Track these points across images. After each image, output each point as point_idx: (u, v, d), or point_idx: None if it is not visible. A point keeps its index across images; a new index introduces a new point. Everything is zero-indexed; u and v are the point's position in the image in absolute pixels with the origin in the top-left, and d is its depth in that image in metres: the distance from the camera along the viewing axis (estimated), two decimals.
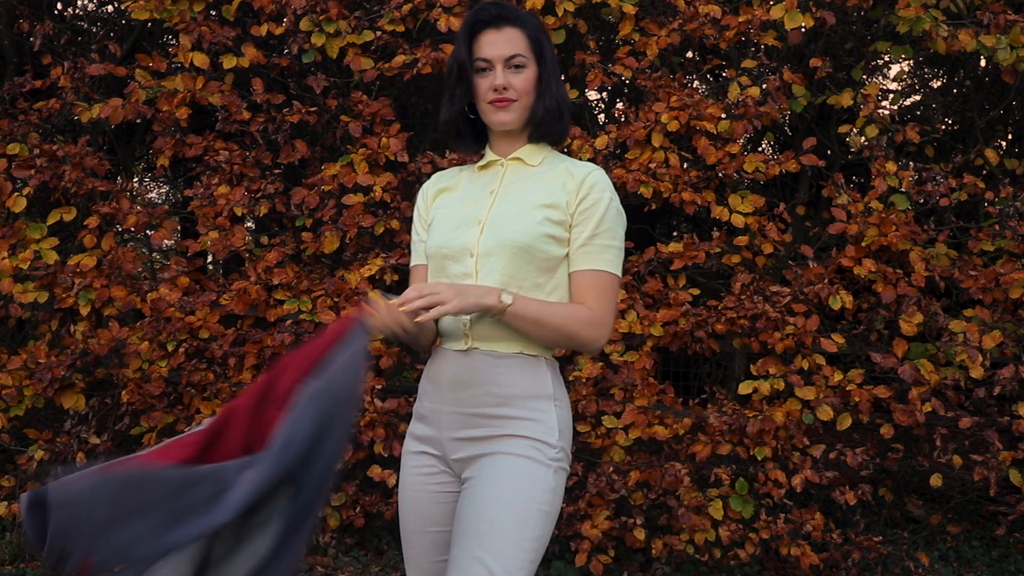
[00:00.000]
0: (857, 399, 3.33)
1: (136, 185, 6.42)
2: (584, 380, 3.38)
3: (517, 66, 1.65)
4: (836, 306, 3.35)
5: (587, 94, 4.26)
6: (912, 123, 3.60)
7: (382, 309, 1.57)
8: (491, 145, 1.75)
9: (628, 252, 3.60)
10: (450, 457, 1.66)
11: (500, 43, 1.65)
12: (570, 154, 3.49)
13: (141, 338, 3.46)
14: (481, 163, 1.77)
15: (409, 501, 1.71)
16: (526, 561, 1.53)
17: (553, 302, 1.63)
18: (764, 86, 3.56)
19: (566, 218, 1.64)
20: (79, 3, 5.58)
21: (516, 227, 1.62)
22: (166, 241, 4.16)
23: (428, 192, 1.81)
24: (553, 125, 1.70)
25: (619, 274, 1.65)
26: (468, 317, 1.62)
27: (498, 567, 1.50)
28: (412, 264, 1.81)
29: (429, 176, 3.59)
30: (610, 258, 1.65)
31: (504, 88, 1.64)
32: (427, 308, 1.53)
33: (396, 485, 3.60)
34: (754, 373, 3.45)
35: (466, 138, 1.76)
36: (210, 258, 7.67)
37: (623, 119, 3.71)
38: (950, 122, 5.58)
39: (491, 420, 1.61)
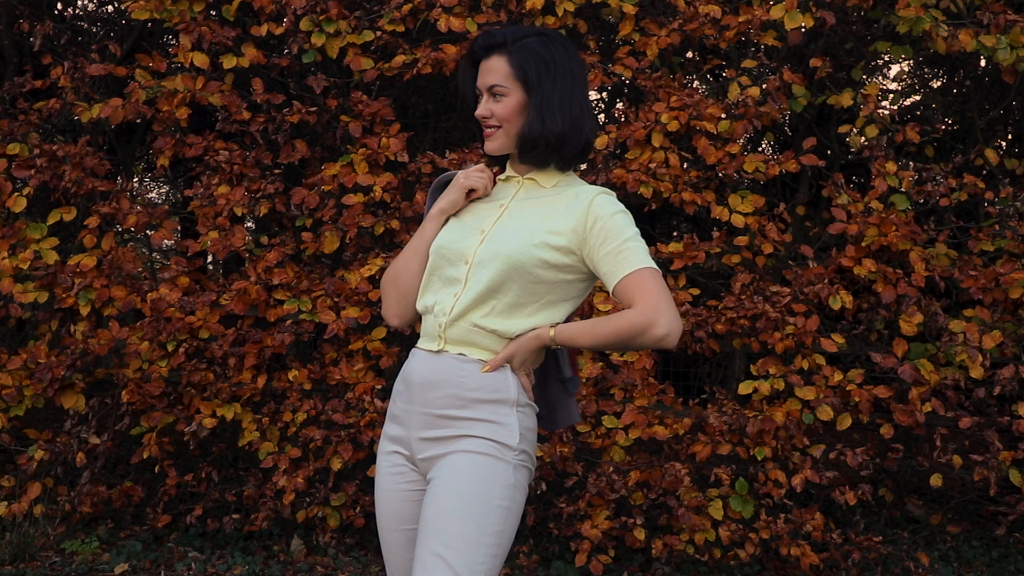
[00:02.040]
0: (857, 399, 3.33)
1: (136, 185, 6.42)
2: (584, 380, 3.38)
3: (497, 95, 1.69)
4: (836, 306, 3.35)
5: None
6: (912, 123, 3.60)
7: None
8: (509, 160, 1.81)
9: None
10: (417, 457, 1.69)
11: (484, 73, 1.70)
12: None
13: (141, 338, 3.46)
14: (502, 176, 1.81)
15: (383, 500, 1.75)
16: (487, 556, 1.56)
17: (600, 317, 1.74)
18: (764, 86, 3.56)
19: (572, 243, 1.67)
20: (79, 3, 5.59)
21: (512, 243, 1.65)
22: (166, 241, 4.16)
23: None
24: (538, 148, 1.70)
25: (651, 264, 1.65)
26: (445, 318, 1.68)
27: (459, 563, 1.53)
28: None
29: (429, 176, 3.61)
30: (637, 256, 1.65)
31: (485, 117, 1.71)
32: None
33: None
34: (754, 373, 3.45)
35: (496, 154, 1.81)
36: (210, 258, 7.68)
37: (623, 119, 3.71)
38: (950, 122, 5.58)
39: (453, 422, 1.65)
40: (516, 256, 1.63)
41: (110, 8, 5.54)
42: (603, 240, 1.65)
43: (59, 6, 5.24)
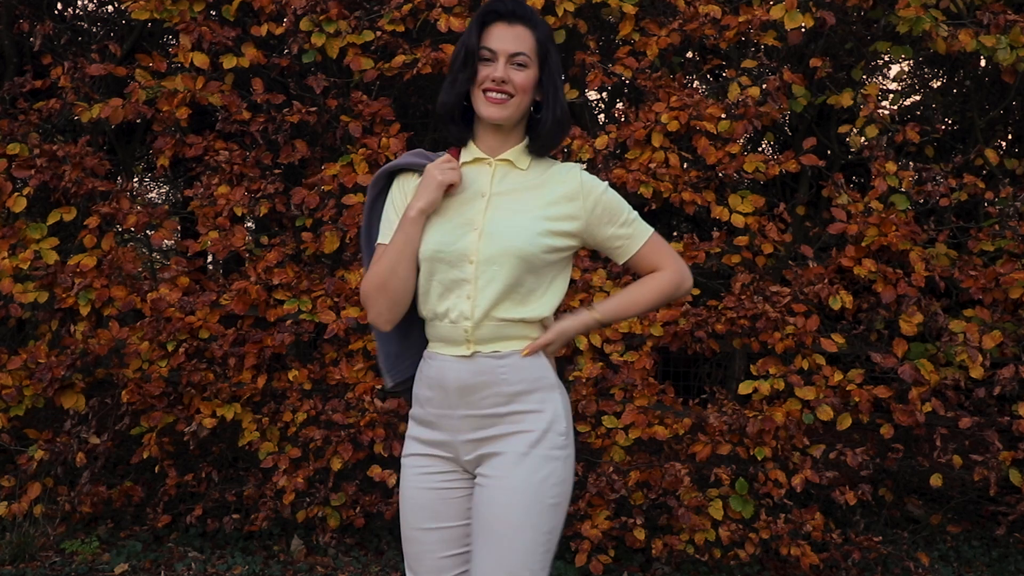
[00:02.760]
0: (857, 399, 3.33)
1: (136, 185, 6.42)
2: (584, 380, 3.38)
3: (520, 64, 1.67)
4: (836, 306, 3.35)
5: (587, 94, 4.26)
6: (912, 123, 3.60)
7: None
8: (476, 139, 1.75)
9: None
10: (463, 458, 1.70)
11: (508, 38, 1.67)
12: (569, 154, 3.49)
13: (141, 338, 3.46)
14: (465, 159, 1.76)
15: (414, 500, 1.73)
16: (542, 554, 1.63)
17: (632, 287, 1.79)
18: (764, 86, 3.56)
19: (573, 227, 1.73)
20: (79, 3, 5.59)
21: (519, 237, 1.66)
22: (166, 241, 4.16)
23: (406, 186, 1.76)
24: (557, 136, 1.74)
25: (651, 227, 1.81)
26: (469, 322, 1.66)
27: (516, 567, 1.61)
28: (377, 243, 1.77)
29: None
30: (641, 224, 1.80)
31: (503, 81, 1.66)
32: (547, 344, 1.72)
33: (396, 485, 3.60)
34: (754, 373, 3.45)
35: (458, 124, 1.75)
36: (210, 258, 7.68)
37: (623, 119, 3.71)
38: (950, 122, 5.58)
39: (501, 418, 1.67)
40: (526, 249, 1.65)
41: (110, 8, 5.54)
42: (608, 219, 1.74)
43: (59, 6, 5.24)
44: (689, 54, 4.18)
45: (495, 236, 1.66)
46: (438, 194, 1.68)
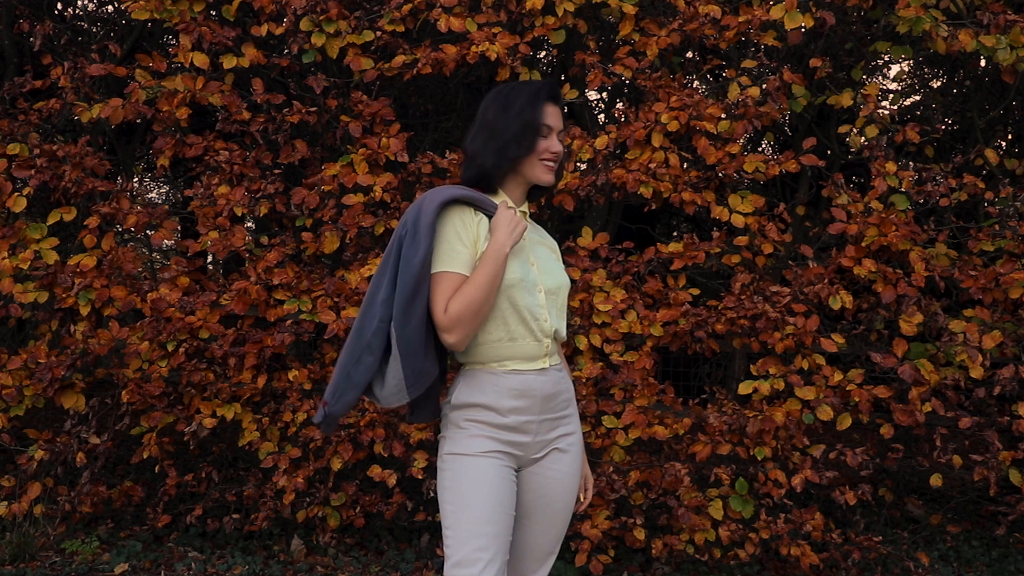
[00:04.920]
0: (857, 399, 3.33)
1: (136, 185, 6.42)
2: (584, 380, 3.38)
3: (560, 137, 2.00)
4: (836, 306, 3.36)
5: (587, 94, 4.26)
6: (912, 123, 3.60)
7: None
8: (503, 188, 1.99)
9: (628, 252, 3.61)
10: (531, 455, 1.96)
11: (557, 116, 1.99)
12: (569, 154, 3.50)
13: (141, 338, 3.46)
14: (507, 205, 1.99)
15: (502, 488, 1.90)
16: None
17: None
18: (764, 86, 3.56)
19: None
20: (79, 3, 5.59)
21: (561, 273, 2.03)
22: (166, 241, 4.16)
23: (467, 220, 1.90)
24: (553, 185, 2.05)
25: None
26: (548, 340, 1.94)
27: (563, 535, 2.06)
28: (445, 270, 1.84)
29: (429, 176, 3.61)
30: None
31: (558, 152, 1.98)
32: None
33: (396, 485, 3.60)
34: (754, 373, 3.45)
35: (493, 180, 1.97)
36: (210, 258, 7.69)
37: (623, 119, 3.71)
38: (950, 122, 5.58)
39: (563, 418, 2.01)
40: (567, 283, 2.04)
41: (110, 8, 5.54)
42: None
43: (59, 6, 5.24)
44: (689, 54, 4.18)
45: (548, 270, 1.99)
46: (520, 237, 1.94)
